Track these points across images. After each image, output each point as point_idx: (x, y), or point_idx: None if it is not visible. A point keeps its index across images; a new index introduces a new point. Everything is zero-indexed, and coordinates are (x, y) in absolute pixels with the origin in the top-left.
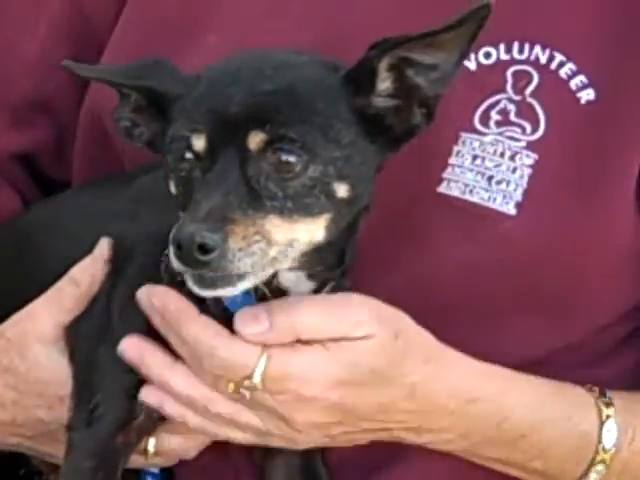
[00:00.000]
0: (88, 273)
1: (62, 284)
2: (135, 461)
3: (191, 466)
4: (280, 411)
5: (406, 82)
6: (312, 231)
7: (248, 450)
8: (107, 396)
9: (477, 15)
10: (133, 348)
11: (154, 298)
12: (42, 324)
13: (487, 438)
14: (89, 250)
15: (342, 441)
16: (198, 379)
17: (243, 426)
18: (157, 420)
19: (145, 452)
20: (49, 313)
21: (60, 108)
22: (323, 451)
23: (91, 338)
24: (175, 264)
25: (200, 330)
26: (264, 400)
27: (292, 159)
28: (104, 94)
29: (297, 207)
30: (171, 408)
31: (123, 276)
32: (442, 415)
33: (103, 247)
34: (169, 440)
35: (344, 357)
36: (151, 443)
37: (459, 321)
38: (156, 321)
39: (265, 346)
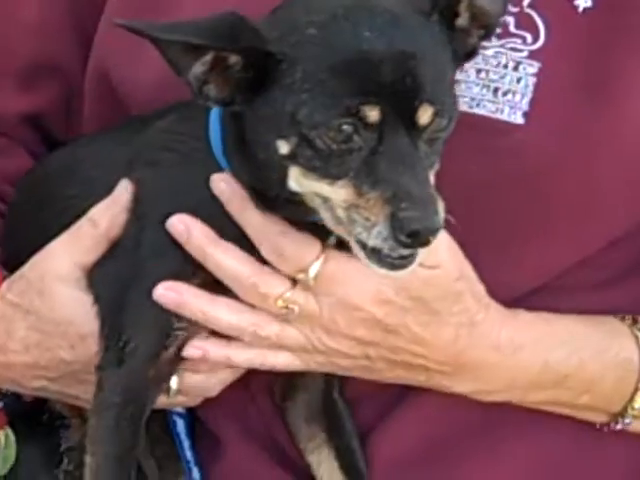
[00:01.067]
0: (107, 214)
1: (81, 224)
2: (158, 400)
3: (215, 408)
4: (325, 317)
5: (476, 11)
6: None
7: (271, 390)
8: (138, 330)
9: None
10: (171, 291)
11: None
12: (60, 263)
13: (530, 385)
14: (104, 196)
15: (379, 368)
16: (243, 305)
17: (289, 346)
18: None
19: (168, 390)
20: (67, 252)
21: (66, 68)
22: (342, 389)
23: (118, 282)
24: (386, 246)
25: (264, 222)
26: (310, 307)
27: (444, 123)
28: (110, 49)
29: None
30: (215, 353)
31: (151, 220)
32: (483, 365)
33: (122, 190)
34: (191, 377)
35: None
36: (174, 381)
37: (476, 239)
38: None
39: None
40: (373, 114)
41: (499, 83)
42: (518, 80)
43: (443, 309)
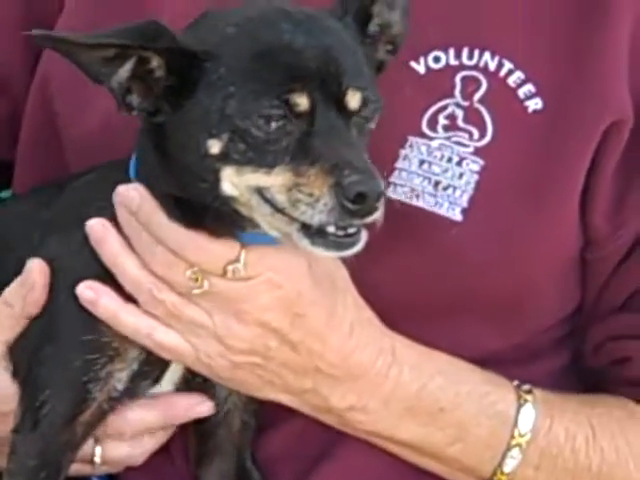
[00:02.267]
0: (19, 295)
1: None
2: (83, 470)
3: (135, 469)
4: (240, 296)
5: (383, 22)
6: None
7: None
8: (53, 390)
9: None
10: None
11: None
12: None
13: (405, 410)
14: (24, 259)
15: (271, 369)
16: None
17: (184, 320)
18: (102, 417)
19: (92, 462)
20: None
21: (14, 85)
22: (254, 457)
23: (33, 342)
24: (333, 217)
25: (176, 228)
26: (223, 286)
27: (370, 110)
28: (56, 67)
29: None
30: (106, 302)
31: (57, 288)
32: (366, 374)
33: (31, 269)
34: (115, 449)
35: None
36: (97, 453)
37: (405, 324)
38: (123, 216)
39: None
40: (302, 101)
41: (441, 177)
42: (460, 176)
43: (339, 302)
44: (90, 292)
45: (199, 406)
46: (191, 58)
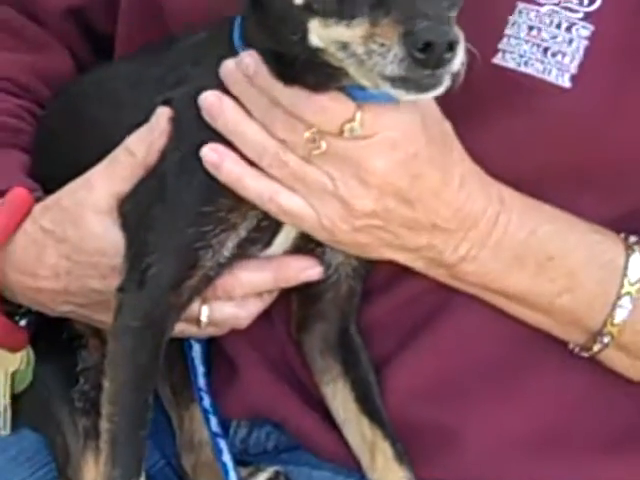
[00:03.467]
0: (144, 143)
1: (118, 154)
2: (189, 330)
3: (234, 334)
4: (361, 157)
5: None
6: None
7: (289, 319)
8: (161, 254)
9: None
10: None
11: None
12: (98, 194)
13: (513, 258)
14: (136, 117)
15: (391, 229)
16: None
17: (308, 182)
18: (209, 282)
19: (198, 322)
20: (105, 183)
21: None
22: (357, 323)
23: (144, 202)
24: (403, 68)
25: (292, 91)
26: (342, 148)
27: None
28: None
29: None
30: (230, 165)
31: (182, 142)
32: (476, 223)
33: (159, 117)
34: (222, 309)
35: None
36: (204, 313)
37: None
38: (240, 84)
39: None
40: None
41: (550, 43)
42: (570, 42)
43: (449, 160)
44: (214, 154)
45: (311, 269)
46: None
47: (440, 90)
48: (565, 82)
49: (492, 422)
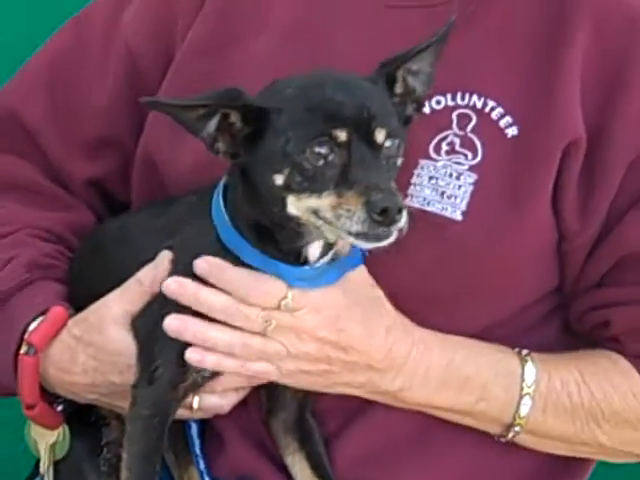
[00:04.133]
0: (150, 275)
1: (130, 283)
2: (182, 414)
3: (221, 417)
4: (296, 325)
5: (407, 85)
6: None
7: (260, 406)
8: (164, 362)
9: (447, 31)
10: (175, 321)
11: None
12: (114, 311)
13: (440, 383)
14: (144, 257)
15: (336, 371)
16: (230, 328)
17: (268, 353)
18: (201, 383)
19: (190, 408)
20: (119, 303)
21: (124, 143)
22: (312, 410)
23: (151, 320)
24: (366, 227)
25: (240, 273)
26: (285, 320)
27: (396, 145)
28: (155, 136)
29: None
30: (210, 359)
31: (171, 273)
32: (406, 361)
33: (163, 258)
34: (209, 399)
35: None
36: (196, 401)
37: (413, 305)
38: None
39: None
40: (342, 135)
41: (445, 188)
42: (459, 187)
43: (374, 312)
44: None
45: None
46: (261, 112)
47: (390, 240)
48: (457, 216)
49: None
